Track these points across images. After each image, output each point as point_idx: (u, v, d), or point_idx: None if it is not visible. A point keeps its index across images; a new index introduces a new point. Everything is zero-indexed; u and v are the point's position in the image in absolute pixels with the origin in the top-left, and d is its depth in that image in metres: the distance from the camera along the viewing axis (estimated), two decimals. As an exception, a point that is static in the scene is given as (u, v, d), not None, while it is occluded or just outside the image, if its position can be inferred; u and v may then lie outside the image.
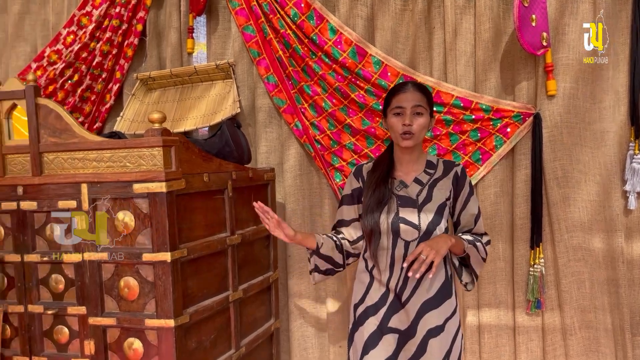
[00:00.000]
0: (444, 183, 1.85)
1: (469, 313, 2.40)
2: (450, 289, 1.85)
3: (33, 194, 1.81)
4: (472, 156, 2.32)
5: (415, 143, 1.81)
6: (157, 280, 1.70)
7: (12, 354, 1.88)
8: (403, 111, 1.80)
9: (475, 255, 1.85)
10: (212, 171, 1.94)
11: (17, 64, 2.90)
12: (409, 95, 1.80)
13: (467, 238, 1.85)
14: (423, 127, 1.81)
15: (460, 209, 1.88)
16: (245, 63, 2.61)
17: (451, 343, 1.83)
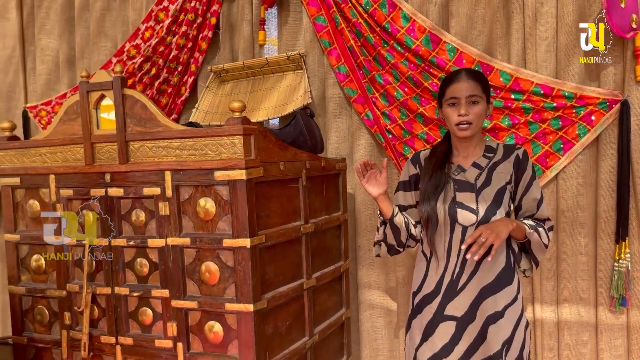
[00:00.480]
0: (504, 167, 1.81)
1: (548, 309, 2.31)
2: (512, 275, 1.80)
3: (120, 181, 1.89)
4: (553, 146, 2.23)
5: (472, 133, 1.78)
6: (236, 265, 1.74)
7: (99, 334, 1.98)
8: (458, 101, 1.77)
9: (536, 241, 1.80)
10: (288, 160, 1.96)
11: (99, 58, 3.03)
12: (463, 84, 1.76)
13: (529, 223, 1.80)
14: (480, 115, 1.77)
15: (522, 193, 1.83)
16: (316, 53, 2.62)
17: (512, 331, 1.77)
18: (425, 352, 1.83)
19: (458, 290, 1.79)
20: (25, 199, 2.10)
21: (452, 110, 1.78)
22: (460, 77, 1.78)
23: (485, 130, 2.29)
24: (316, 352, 2.10)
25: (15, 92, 3.39)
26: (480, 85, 1.78)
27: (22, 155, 2.07)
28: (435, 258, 1.83)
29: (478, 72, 1.83)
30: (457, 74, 1.81)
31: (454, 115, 1.78)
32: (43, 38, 3.24)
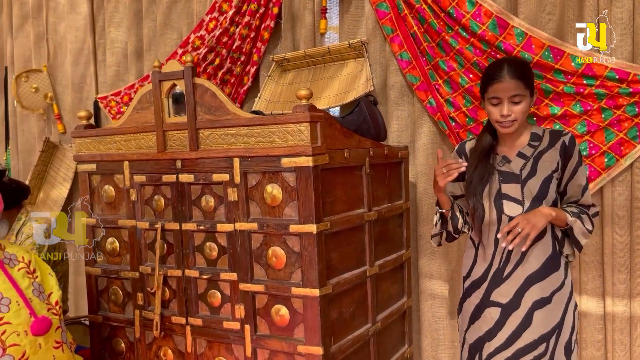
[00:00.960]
0: (550, 155, 1.81)
1: (619, 303, 2.23)
2: (558, 262, 1.84)
3: (190, 167, 1.95)
4: (628, 133, 2.13)
5: (515, 129, 1.80)
6: (303, 250, 1.77)
7: (170, 314, 2.06)
8: (500, 101, 1.77)
9: (579, 227, 1.82)
10: (352, 147, 1.97)
11: (165, 50, 3.13)
12: (505, 84, 1.75)
13: (572, 210, 1.82)
14: (524, 112, 1.78)
15: (567, 179, 1.83)
16: (377, 41, 2.60)
17: (561, 316, 1.82)
18: (472, 335, 1.95)
19: (504, 278, 1.85)
20: (100, 185, 2.20)
21: (494, 108, 1.80)
22: (502, 76, 1.77)
23: (556, 117, 2.22)
24: (378, 339, 2.11)
25: (86, 83, 3.55)
26: (523, 82, 1.77)
27: (98, 142, 2.17)
28: (482, 246, 1.90)
29: (520, 65, 1.81)
30: (499, 71, 1.78)
31: (496, 114, 1.80)
32: (112, 31, 3.37)
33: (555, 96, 2.22)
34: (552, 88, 2.20)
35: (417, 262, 2.57)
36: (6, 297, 1.70)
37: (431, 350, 2.56)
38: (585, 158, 2.19)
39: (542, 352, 1.83)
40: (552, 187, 1.82)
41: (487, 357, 1.90)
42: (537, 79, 2.19)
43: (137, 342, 2.15)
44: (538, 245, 1.83)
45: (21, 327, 1.70)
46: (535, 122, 2.26)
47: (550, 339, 1.83)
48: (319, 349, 1.77)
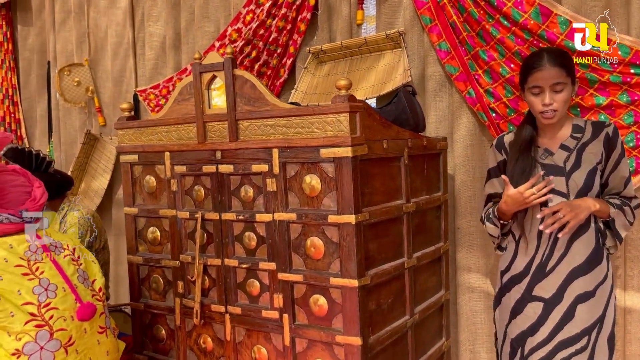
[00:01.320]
0: (594, 146, 1.78)
1: None
2: (601, 254, 1.82)
3: (230, 158, 1.97)
4: (679, 123, 2.06)
5: (558, 119, 1.77)
6: (341, 241, 1.77)
7: (210, 302, 2.09)
8: (541, 90, 1.74)
9: (621, 220, 1.80)
10: (391, 138, 1.96)
11: (202, 42, 3.16)
12: (546, 72, 1.73)
13: (615, 202, 1.80)
14: (566, 101, 1.74)
15: (610, 170, 1.81)
16: (415, 31, 2.57)
17: (604, 310, 1.81)
18: (514, 330, 1.93)
19: (547, 272, 1.83)
20: (142, 175, 2.25)
21: (535, 98, 1.78)
22: (542, 64, 1.74)
23: (601, 108, 2.16)
24: (416, 331, 2.10)
25: (125, 76, 3.62)
26: (565, 70, 1.74)
27: (139, 134, 2.21)
28: (525, 240, 1.88)
29: (561, 54, 1.79)
30: (539, 59, 1.76)
31: (537, 104, 1.77)
32: (151, 25, 3.42)
33: (600, 86, 2.15)
34: (597, 77, 2.13)
35: (455, 255, 2.55)
36: (53, 283, 1.76)
37: (468, 344, 2.53)
38: (632, 149, 2.12)
39: (583, 345, 1.82)
40: (596, 179, 1.81)
41: (529, 352, 1.88)
42: (582, 68, 2.14)
43: (178, 329, 2.19)
44: (582, 239, 1.82)
45: (67, 313, 1.75)
46: (579, 113, 2.21)
47: (592, 332, 1.82)
48: (358, 339, 1.77)
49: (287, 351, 1.91)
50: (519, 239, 1.93)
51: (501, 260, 2.03)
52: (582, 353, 1.82)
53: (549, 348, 1.84)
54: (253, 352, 2.00)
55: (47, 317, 1.70)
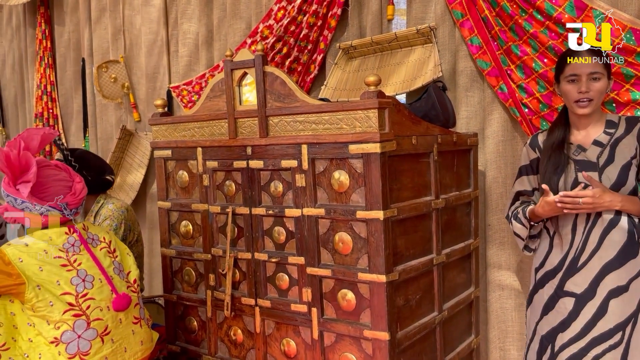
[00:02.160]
0: (628, 141, 1.79)
1: None
2: (635, 248, 1.80)
3: (260, 153, 2.00)
4: None
5: (592, 110, 1.78)
6: (369, 236, 1.78)
7: (240, 295, 2.13)
8: (578, 78, 1.78)
9: None
10: (420, 134, 1.95)
11: (234, 39, 3.20)
12: (584, 61, 1.78)
13: None
14: (601, 92, 1.77)
15: None
16: (446, 26, 2.55)
17: (639, 304, 1.80)
18: (544, 327, 1.92)
19: (579, 267, 1.84)
20: (175, 170, 2.30)
21: (572, 86, 1.80)
22: (581, 53, 1.81)
23: (637, 103, 2.10)
24: (445, 328, 2.10)
25: (159, 73, 3.69)
26: (602, 62, 1.79)
27: (173, 129, 2.26)
28: (559, 236, 1.88)
29: (599, 49, 1.85)
30: (577, 50, 1.83)
31: (573, 92, 1.80)
32: (184, 22, 3.48)
33: (636, 81, 2.10)
34: (633, 72, 2.08)
35: (486, 252, 2.53)
36: (90, 275, 1.82)
37: (498, 342, 2.51)
38: (669, 146, 2.07)
39: (617, 341, 1.80)
40: (631, 174, 1.80)
41: (560, 348, 1.86)
42: (618, 63, 2.09)
43: (209, 321, 2.24)
44: (614, 232, 1.81)
45: (104, 303, 1.81)
46: (614, 109, 2.16)
47: (627, 327, 1.80)
48: (386, 334, 1.78)
49: (316, 344, 1.93)
50: (553, 235, 1.93)
51: (535, 257, 2.02)
52: (617, 349, 1.80)
53: (582, 345, 1.83)
54: (282, 344, 2.04)
55: (85, 307, 1.76)
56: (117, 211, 2.48)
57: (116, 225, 2.46)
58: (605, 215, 1.80)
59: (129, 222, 2.53)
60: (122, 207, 2.53)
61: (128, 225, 2.52)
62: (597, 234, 1.82)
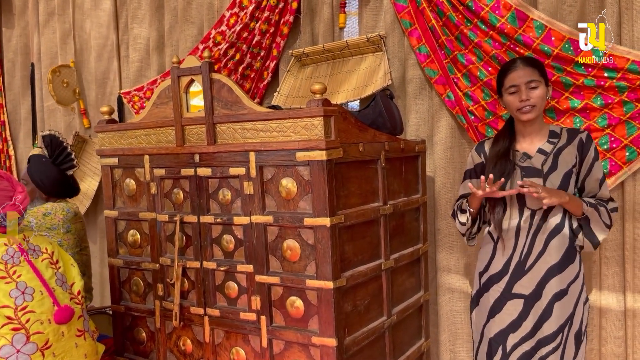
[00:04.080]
0: (569, 151, 1.88)
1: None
2: (574, 253, 1.91)
3: (208, 161, 1.99)
4: (650, 126, 2.10)
5: (536, 115, 1.88)
6: (317, 243, 1.79)
7: (189, 305, 2.10)
8: (518, 89, 1.88)
9: (596, 219, 1.87)
10: (367, 141, 1.98)
11: (186, 45, 3.17)
12: (521, 72, 1.87)
13: (589, 201, 1.87)
14: (541, 98, 1.87)
15: (585, 174, 1.91)
16: (396, 35, 2.60)
17: (574, 306, 1.90)
18: (493, 328, 1.98)
19: (526, 270, 1.91)
20: (122, 178, 2.26)
21: (513, 97, 1.90)
22: (516, 65, 1.91)
23: (576, 111, 2.19)
24: (394, 332, 2.12)
25: (109, 78, 3.62)
26: (537, 70, 1.90)
27: (119, 137, 2.22)
28: (502, 241, 1.95)
29: (532, 58, 1.96)
30: (512, 63, 1.94)
31: (515, 102, 1.90)
32: (135, 27, 3.43)
33: (575, 89, 2.19)
34: (572, 81, 2.17)
35: (435, 256, 2.57)
36: (30, 287, 1.77)
37: (449, 344, 2.56)
38: (606, 152, 2.16)
39: (557, 343, 1.90)
40: (572, 182, 1.90)
41: (512, 347, 1.93)
42: (557, 72, 2.17)
43: (158, 331, 2.21)
44: (557, 238, 1.90)
45: (45, 316, 1.76)
46: (555, 116, 2.24)
47: (565, 329, 1.90)
48: (333, 340, 1.79)
49: (265, 352, 1.93)
50: (497, 240, 1.99)
51: (479, 261, 2.08)
52: (557, 351, 1.89)
53: (532, 344, 1.91)
54: (232, 353, 2.02)
55: (24, 320, 1.71)
56: (62, 209, 2.42)
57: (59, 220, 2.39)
58: (551, 221, 1.89)
59: (69, 224, 2.45)
60: (71, 208, 2.48)
61: (67, 224, 2.45)
62: (542, 239, 1.90)
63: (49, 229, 2.38)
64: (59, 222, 2.39)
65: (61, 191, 2.53)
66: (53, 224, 2.39)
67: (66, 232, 2.43)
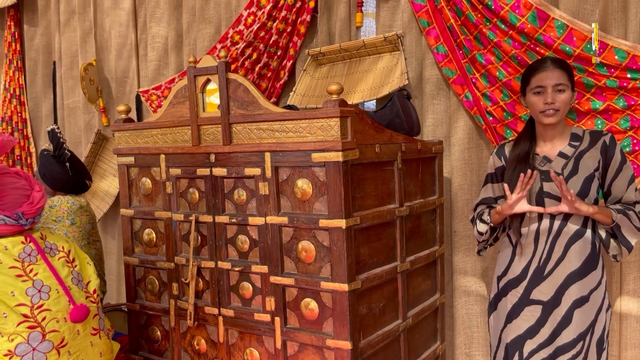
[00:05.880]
0: (592, 154, 1.84)
1: None
2: (597, 260, 1.86)
3: (223, 161, 1.99)
4: (675, 128, 2.04)
5: (558, 120, 1.82)
6: (332, 245, 1.78)
7: (203, 304, 2.10)
8: (544, 90, 1.82)
9: (627, 225, 1.82)
10: (383, 142, 1.96)
11: (203, 44, 3.18)
12: (550, 73, 1.81)
13: (617, 207, 1.82)
14: (566, 102, 1.82)
15: (611, 178, 1.85)
16: (413, 34, 2.57)
17: (596, 314, 1.85)
18: (510, 334, 1.94)
19: (545, 276, 1.87)
20: (138, 177, 2.27)
21: (538, 98, 1.84)
22: (546, 66, 1.84)
23: (597, 112, 2.14)
24: (409, 335, 2.10)
25: (128, 77, 3.64)
26: (566, 74, 1.84)
27: (136, 136, 2.23)
28: (521, 245, 1.91)
29: (563, 60, 1.89)
30: (542, 62, 1.87)
31: (539, 103, 1.84)
32: (153, 26, 3.44)
33: (597, 90, 2.14)
34: (594, 82, 2.12)
35: (452, 259, 2.54)
36: (47, 285, 1.78)
37: (464, 347, 2.53)
38: (629, 154, 2.11)
39: (578, 350, 1.85)
40: (593, 186, 1.84)
41: (529, 354, 1.90)
42: (579, 73, 2.13)
43: (172, 330, 2.21)
44: (578, 244, 1.85)
45: (60, 314, 1.77)
46: (575, 117, 2.20)
47: (586, 337, 1.85)
48: (348, 343, 1.77)
49: (279, 354, 1.92)
50: (515, 244, 1.95)
51: (497, 265, 2.04)
52: (577, 358, 1.84)
53: (549, 351, 1.87)
54: (245, 354, 2.02)
55: (40, 318, 1.72)
56: (67, 202, 2.44)
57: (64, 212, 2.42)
58: (571, 226, 1.84)
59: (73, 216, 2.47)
60: (77, 202, 2.50)
61: (71, 217, 2.46)
62: (562, 244, 1.85)
63: (55, 222, 2.40)
64: (63, 214, 2.41)
65: (65, 185, 2.54)
66: (58, 216, 2.41)
67: (71, 225, 2.44)
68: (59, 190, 2.56)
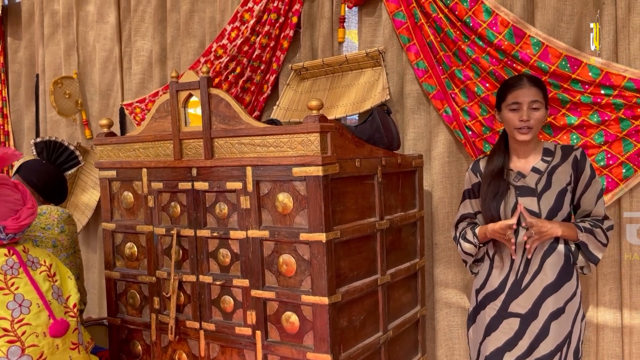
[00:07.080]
0: (564, 168, 1.88)
1: (637, 315, 2.19)
2: (571, 271, 1.90)
3: (205, 175, 2.00)
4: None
5: (531, 137, 1.87)
6: (312, 258, 1.80)
7: (185, 319, 2.10)
8: (519, 107, 1.86)
9: (593, 242, 1.88)
10: (364, 156, 1.99)
11: (187, 58, 3.20)
12: (526, 90, 1.85)
13: (584, 225, 1.87)
14: (540, 121, 1.87)
15: (581, 192, 1.90)
16: (394, 50, 2.61)
17: (572, 325, 1.89)
18: (489, 346, 1.96)
19: (522, 289, 1.90)
20: (120, 191, 2.27)
21: (513, 114, 1.88)
22: (523, 83, 1.88)
23: (573, 127, 2.20)
24: (390, 347, 2.12)
25: (112, 90, 3.64)
26: (542, 92, 1.89)
27: (118, 150, 2.24)
28: (499, 259, 1.95)
29: (539, 78, 1.94)
30: (519, 79, 1.91)
31: (515, 120, 1.88)
32: (138, 40, 3.46)
33: (572, 106, 2.19)
34: (569, 98, 2.18)
35: (433, 271, 2.57)
36: (27, 300, 1.77)
37: (446, 359, 2.55)
38: (603, 168, 2.16)
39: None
40: (566, 200, 1.89)
41: None
42: (554, 89, 2.18)
43: (153, 345, 2.21)
44: (553, 257, 1.89)
45: (40, 329, 1.76)
46: (551, 132, 2.25)
47: (563, 347, 1.88)
48: (328, 356, 1.79)
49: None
50: (493, 257, 1.98)
51: (476, 278, 2.08)
52: None
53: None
54: (227, 368, 2.02)
55: (20, 332, 1.71)
56: (57, 210, 2.43)
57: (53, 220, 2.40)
58: (546, 240, 1.88)
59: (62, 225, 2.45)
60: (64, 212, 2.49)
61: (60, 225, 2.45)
62: (537, 257, 1.89)
63: (44, 229, 2.38)
64: (53, 221, 2.39)
65: (59, 193, 2.53)
66: (48, 224, 2.39)
67: (60, 232, 2.42)
68: (51, 201, 2.54)
